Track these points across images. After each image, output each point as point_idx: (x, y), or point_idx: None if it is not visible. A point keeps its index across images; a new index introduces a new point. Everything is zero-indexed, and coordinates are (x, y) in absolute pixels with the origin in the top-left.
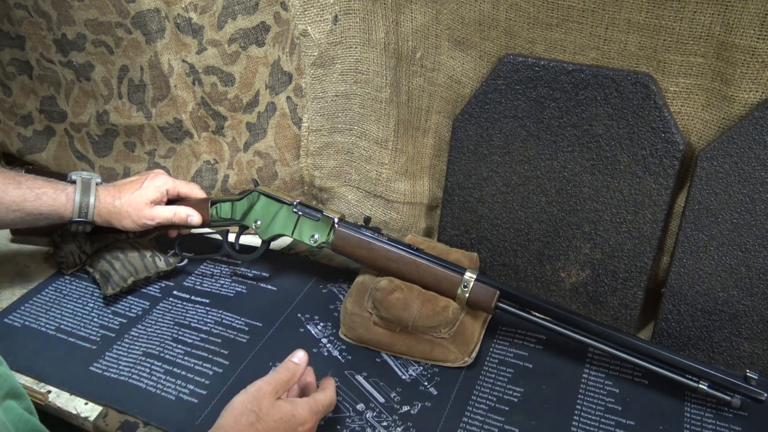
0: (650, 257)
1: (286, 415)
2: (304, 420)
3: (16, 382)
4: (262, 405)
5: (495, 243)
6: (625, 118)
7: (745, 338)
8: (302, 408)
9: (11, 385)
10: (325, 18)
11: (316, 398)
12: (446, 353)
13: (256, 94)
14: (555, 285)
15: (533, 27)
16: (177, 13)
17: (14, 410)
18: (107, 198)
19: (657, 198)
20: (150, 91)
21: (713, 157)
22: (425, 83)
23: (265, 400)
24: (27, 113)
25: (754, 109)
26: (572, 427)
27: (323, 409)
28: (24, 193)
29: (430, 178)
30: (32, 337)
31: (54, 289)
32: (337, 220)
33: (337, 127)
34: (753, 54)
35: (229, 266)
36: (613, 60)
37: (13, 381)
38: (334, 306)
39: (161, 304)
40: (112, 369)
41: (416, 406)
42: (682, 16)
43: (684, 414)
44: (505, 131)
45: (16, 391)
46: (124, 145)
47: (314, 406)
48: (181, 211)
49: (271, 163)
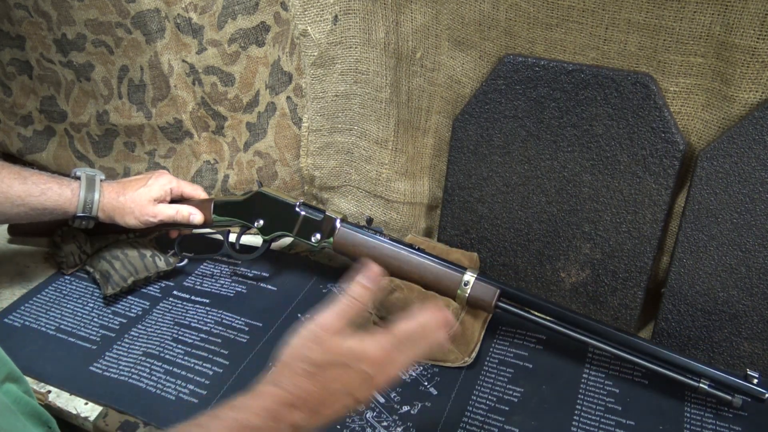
0: (650, 257)
1: (348, 354)
2: (373, 359)
3: (14, 366)
4: (322, 346)
5: (495, 243)
6: (625, 118)
7: (745, 338)
8: (371, 344)
9: (10, 368)
10: (325, 18)
11: (398, 328)
12: (446, 353)
13: (256, 94)
14: (555, 285)
15: (533, 27)
16: (177, 13)
17: (14, 393)
18: (111, 194)
19: (657, 198)
20: (150, 91)
21: (713, 157)
22: (425, 83)
23: (326, 338)
24: (27, 113)
25: (754, 109)
26: (572, 427)
27: (407, 340)
28: (29, 188)
29: (430, 178)
30: (32, 337)
31: (54, 289)
32: (340, 220)
33: (337, 127)
34: (753, 54)
35: (229, 266)
36: (613, 60)
37: (11, 365)
38: None
39: (161, 304)
40: (112, 369)
41: (416, 406)
42: (682, 16)
43: (684, 414)
44: (505, 131)
45: (14, 374)
46: (124, 145)
47: (390, 340)
48: (183, 210)
49: (271, 163)
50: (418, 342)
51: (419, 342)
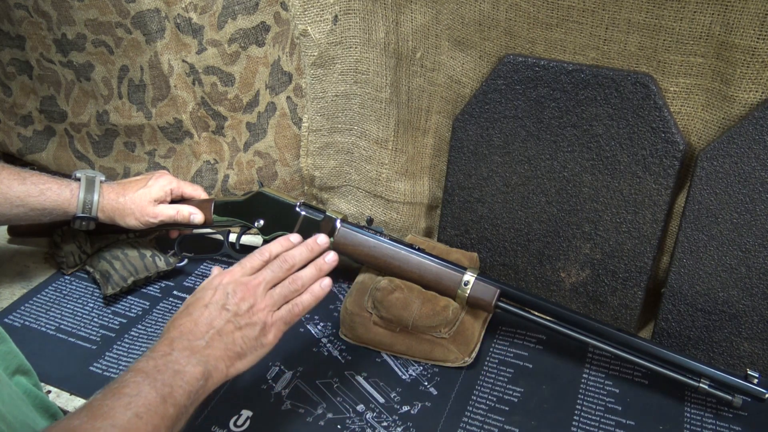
0: (650, 257)
1: (209, 280)
2: (230, 276)
3: (24, 359)
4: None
5: (495, 243)
6: (625, 118)
7: (745, 338)
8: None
9: (20, 361)
10: (325, 18)
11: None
12: (446, 353)
13: (256, 94)
14: (555, 285)
15: (533, 27)
16: (177, 13)
17: (23, 385)
18: (111, 195)
19: (657, 198)
20: (150, 91)
21: (713, 157)
22: (425, 83)
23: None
24: (27, 113)
25: (754, 109)
26: (572, 427)
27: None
28: (28, 189)
29: (430, 178)
30: (32, 337)
31: (54, 289)
32: (340, 221)
33: (337, 127)
34: (753, 54)
35: (229, 266)
36: (613, 60)
37: (21, 358)
38: (334, 306)
39: (161, 304)
40: (112, 369)
41: (416, 406)
42: (682, 16)
43: (684, 414)
44: (505, 131)
45: (24, 367)
46: (124, 145)
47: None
48: (184, 210)
49: (271, 163)
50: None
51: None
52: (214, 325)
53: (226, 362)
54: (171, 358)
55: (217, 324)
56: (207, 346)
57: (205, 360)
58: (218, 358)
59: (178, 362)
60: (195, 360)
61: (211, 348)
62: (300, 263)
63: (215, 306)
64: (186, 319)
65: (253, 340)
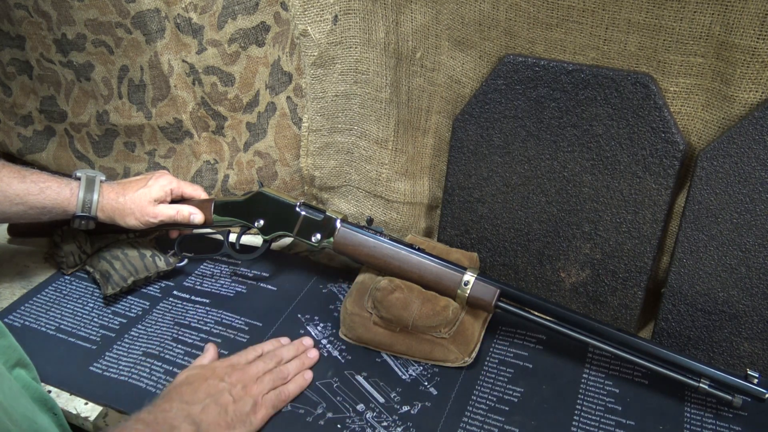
0: (650, 257)
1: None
2: (224, 368)
3: (23, 353)
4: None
5: (495, 243)
6: (625, 118)
7: (745, 338)
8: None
9: (20, 354)
10: (325, 18)
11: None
12: (446, 353)
13: (256, 94)
14: (555, 285)
15: (533, 27)
16: (177, 13)
17: (23, 378)
18: (111, 194)
19: (657, 198)
20: (150, 91)
21: (713, 157)
22: (425, 83)
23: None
24: (27, 113)
25: (754, 109)
26: (572, 427)
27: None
28: (28, 187)
29: (430, 178)
30: (32, 337)
31: (54, 289)
32: (340, 221)
33: (337, 127)
34: (753, 54)
35: (229, 266)
36: (613, 60)
37: (21, 351)
38: (334, 306)
39: (161, 304)
40: (112, 369)
41: (416, 406)
42: (682, 16)
43: (684, 414)
44: (505, 131)
45: (24, 360)
46: (124, 145)
47: (244, 353)
48: (184, 210)
49: (271, 163)
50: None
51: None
52: (211, 394)
53: (216, 429)
54: (170, 415)
55: (214, 394)
56: (202, 411)
57: (198, 422)
58: (210, 423)
59: (176, 419)
60: (190, 420)
61: (205, 413)
62: (287, 359)
63: (214, 380)
64: (186, 387)
65: (244, 414)
